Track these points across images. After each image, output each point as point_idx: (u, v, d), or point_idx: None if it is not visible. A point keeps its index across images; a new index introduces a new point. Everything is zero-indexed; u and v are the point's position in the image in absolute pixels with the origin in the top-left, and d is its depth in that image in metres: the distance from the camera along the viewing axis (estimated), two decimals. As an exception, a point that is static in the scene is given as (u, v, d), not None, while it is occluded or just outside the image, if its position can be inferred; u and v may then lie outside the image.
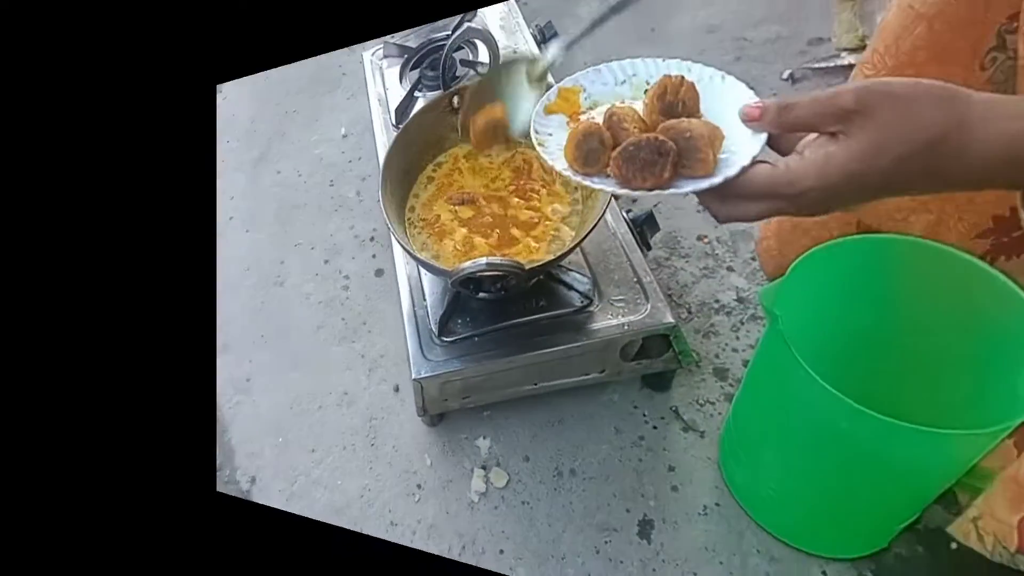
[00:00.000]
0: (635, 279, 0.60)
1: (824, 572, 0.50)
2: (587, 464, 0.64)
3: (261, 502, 0.74)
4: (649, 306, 0.57)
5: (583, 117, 0.40)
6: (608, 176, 0.36)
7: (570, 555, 0.59)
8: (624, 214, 0.64)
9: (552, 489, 0.64)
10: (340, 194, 1.06)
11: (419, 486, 0.68)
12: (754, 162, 0.32)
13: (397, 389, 0.77)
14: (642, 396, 0.66)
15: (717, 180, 0.32)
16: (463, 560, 0.62)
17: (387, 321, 0.85)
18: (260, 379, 0.87)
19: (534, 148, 0.39)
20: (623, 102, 0.40)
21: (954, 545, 0.36)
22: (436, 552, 0.63)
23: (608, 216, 0.64)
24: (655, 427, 0.64)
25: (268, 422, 0.81)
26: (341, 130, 1.16)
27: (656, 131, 0.35)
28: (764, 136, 0.33)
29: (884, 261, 0.40)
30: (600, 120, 0.38)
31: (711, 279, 0.72)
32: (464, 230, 0.64)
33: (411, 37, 0.95)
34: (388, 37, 0.95)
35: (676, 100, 0.36)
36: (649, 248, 0.64)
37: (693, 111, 0.36)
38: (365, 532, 0.67)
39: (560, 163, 0.38)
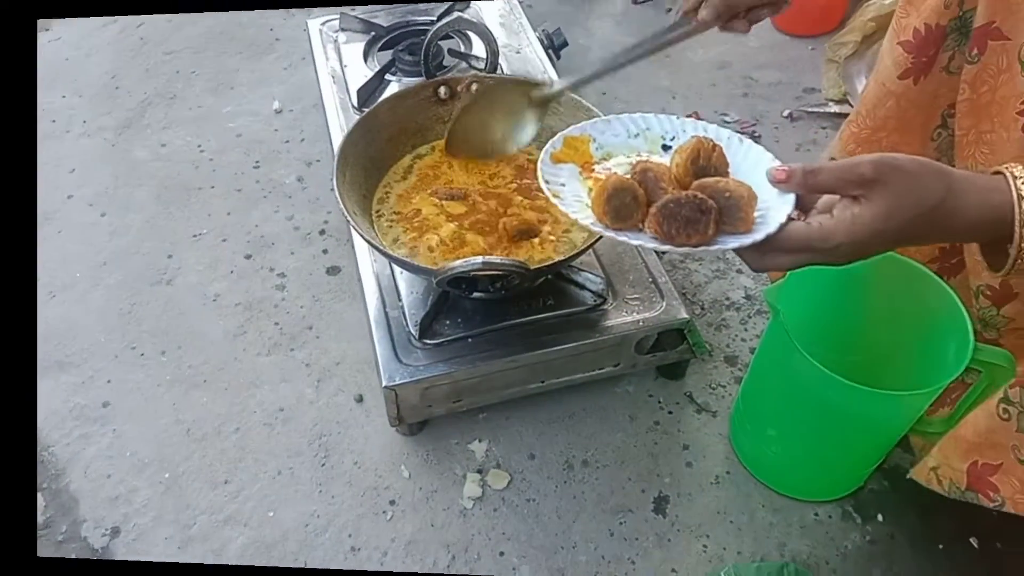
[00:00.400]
0: (650, 279, 0.82)
1: (816, 513, 0.77)
2: (601, 453, 0.82)
3: (129, 558, 0.77)
4: (664, 304, 0.79)
5: (598, 167, 0.56)
6: (641, 231, 0.49)
7: (582, 543, 0.75)
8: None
9: (561, 482, 0.80)
10: (271, 178, 1.16)
11: (392, 502, 0.78)
12: (790, 219, 0.47)
13: (360, 399, 0.88)
14: (657, 385, 0.88)
15: (759, 237, 0.47)
16: (452, 571, 0.73)
17: (345, 325, 0.95)
18: (126, 403, 0.90)
19: (543, 192, 0.52)
20: (640, 155, 0.56)
21: (908, 476, 0.65)
22: (416, 570, 0.73)
23: (622, 219, 0.89)
24: (670, 412, 0.86)
25: (141, 456, 0.85)
26: (274, 104, 1.28)
27: (692, 189, 0.49)
28: (793, 196, 0.49)
29: (863, 266, 0.69)
30: (622, 172, 0.53)
31: (722, 280, 1.00)
32: (453, 225, 0.79)
33: (379, 15, 1.15)
34: (347, 9, 1.16)
35: (709, 165, 0.51)
36: (663, 252, 0.88)
37: (723, 175, 0.50)
38: (309, 566, 0.75)
39: (584, 216, 0.50)
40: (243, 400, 0.90)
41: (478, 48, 1.06)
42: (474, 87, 0.87)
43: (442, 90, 0.88)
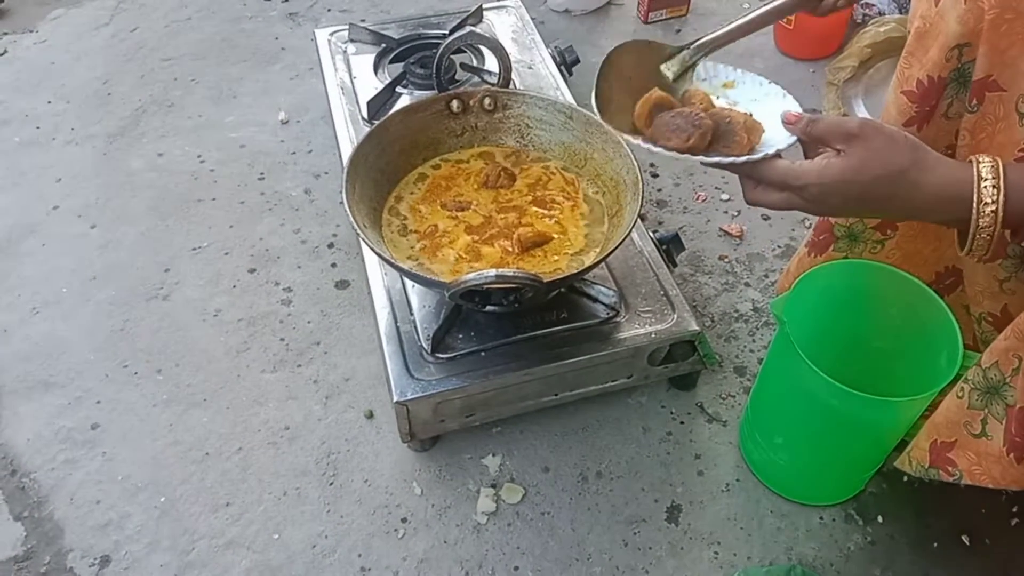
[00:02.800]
0: (662, 292, 0.93)
1: (821, 517, 0.88)
2: (614, 465, 0.92)
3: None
4: (676, 316, 0.91)
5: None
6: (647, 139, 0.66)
7: (596, 554, 0.85)
8: (651, 234, 1.00)
9: (576, 495, 0.89)
10: (277, 190, 1.27)
11: (404, 520, 0.87)
12: (777, 154, 0.60)
13: (371, 416, 0.97)
14: (669, 396, 0.99)
15: (740, 160, 0.61)
16: None
17: (354, 340, 1.05)
18: (118, 424, 0.97)
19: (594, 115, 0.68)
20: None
21: (905, 478, 0.78)
22: (430, 586, 0.82)
23: (635, 235, 0.98)
24: (682, 422, 0.97)
25: (135, 480, 0.92)
26: (279, 114, 1.40)
27: (706, 114, 0.64)
28: (794, 139, 0.62)
29: (863, 280, 0.81)
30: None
31: (731, 293, 1.13)
32: (469, 238, 0.91)
33: (390, 27, 1.28)
34: (356, 19, 1.29)
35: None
36: (675, 266, 1.01)
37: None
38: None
39: (612, 120, 0.68)
40: (246, 419, 0.98)
41: (490, 63, 1.19)
42: (486, 101, 0.99)
43: (454, 104, 0.99)
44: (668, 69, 0.75)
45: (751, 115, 0.67)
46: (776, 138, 0.65)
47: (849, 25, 1.53)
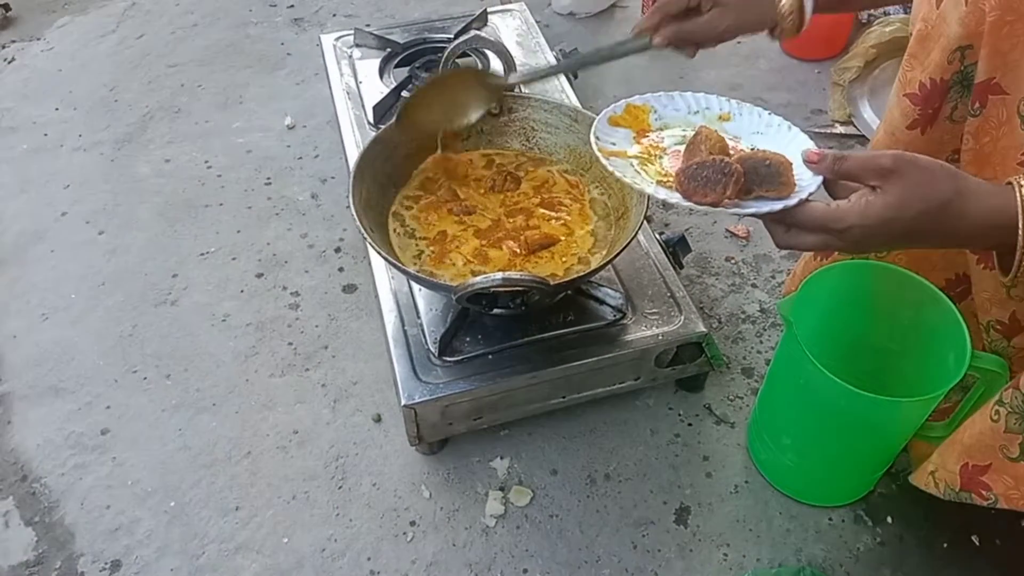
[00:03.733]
0: (669, 294, 0.94)
1: (830, 518, 0.88)
2: (623, 467, 0.93)
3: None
4: (683, 318, 0.91)
5: (652, 135, 0.70)
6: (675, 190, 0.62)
7: (605, 556, 0.85)
8: (657, 236, 1.00)
9: (584, 497, 0.90)
10: (284, 195, 1.28)
11: (413, 523, 0.88)
12: (810, 199, 0.58)
13: (379, 419, 0.98)
14: (677, 398, 1.00)
15: (778, 206, 0.58)
16: None
17: (362, 344, 1.06)
18: (127, 429, 0.98)
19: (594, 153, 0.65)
20: (695, 129, 0.68)
21: (910, 480, 0.77)
22: (438, 590, 0.82)
23: (641, 237, 0.98)
24: (690, 424, 0.97)
25: (144, 485, 0.92)
26: (286, 119, 1.41)
27: (733, 159, 0.60)
28: (820, 178, 0.59)
29: (869, 281, 0.82)
30: (674, 143, 0.68)
31: (738, 294, 1.13)
32: (477, 242, 0.92)
33: (395, 31, 1.29)
34: (361, 24, 1.30)
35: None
36: (682, 267, 1.01)
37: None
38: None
39: (627, 170, 0.65)
40: (255, 423, 0.98)
41: (495, 67, 1.20)
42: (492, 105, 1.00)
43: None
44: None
45: (782, 155, 0.63)
46: (801, 178, 0.62)
47: (854, 25, 1.53)
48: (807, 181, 0.61)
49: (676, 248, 0.99)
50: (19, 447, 0.98)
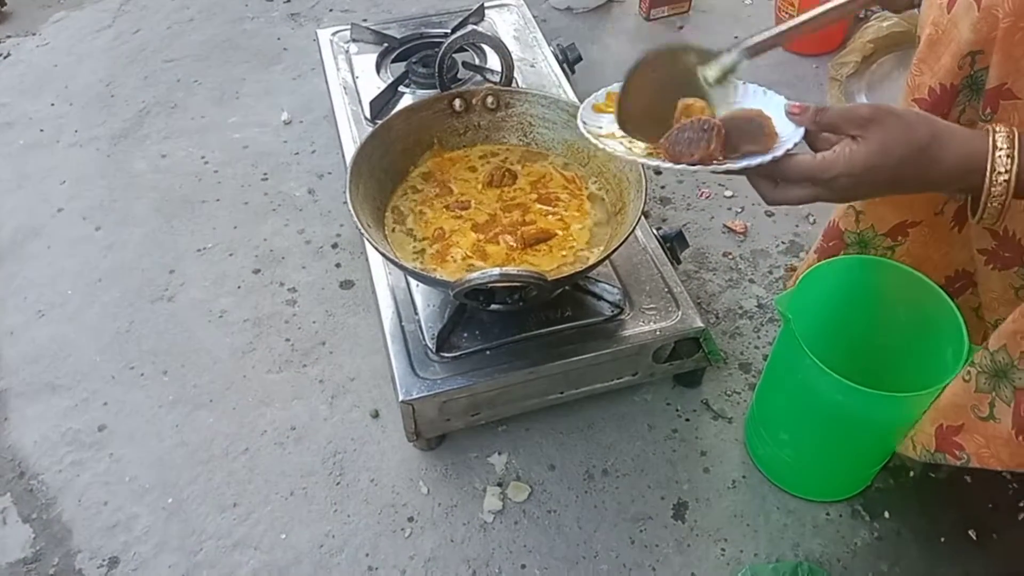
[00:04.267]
0: (666, 290, 0.94)
1: (828, 513, 0.88)
2: (620, 462, 0.93)
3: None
4: (680, 313, 0.91)
5: None
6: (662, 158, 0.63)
7: (603, 552, 0.85)
8: (654, 231, 1.00)
9: (582, 492, 0.90)
10: (280, 191, 1.28)
11: (411, 519, 0.88)
12: (796, 151, 0.59)
13: (376, 415, 0.98)
14: (674, 393, 1.00)
15: (767, 158, 0.59)
16: None
17: (359, 339, 1.06)
18: (124, 425, 0.98)
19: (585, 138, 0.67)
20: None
21: (912, 474, 0.78)
22: (436, 586, 0.82)
23: (639, 232, 0.99)
24: (687, 419, 0.98)
25: (142, 482, 0.93)
26: (282, 115, 1.41)
27: (719, 122, 0.62)
28: (802, 130, 0.61)
29: (867, 276, 0.82)
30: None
31: (735, 289, 1.13)
32: (475, 237, 0.91)
33: (392, 26, 1.29)
34: (357, 19, 1.30)
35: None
36: (679, 263, 1.01)
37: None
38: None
39: (617, 147, 0.66)
40: (252, 419, 0.98)
41: (493, 61, 1.20)
42: (489, 99, 1.00)
43: (457, 102, 1.00)
44: (706, 74, 0.71)
45: (761, 110, 0.66)
46: (783, 133, 0.64)
47: (851, 20, 1.53)
48: (789, 134, 0.63)
49: (674, 243, 0.99)
50: (16, 444, 0.98)
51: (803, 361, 0.75)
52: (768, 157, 0.60)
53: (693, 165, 0.63)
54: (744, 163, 0.61)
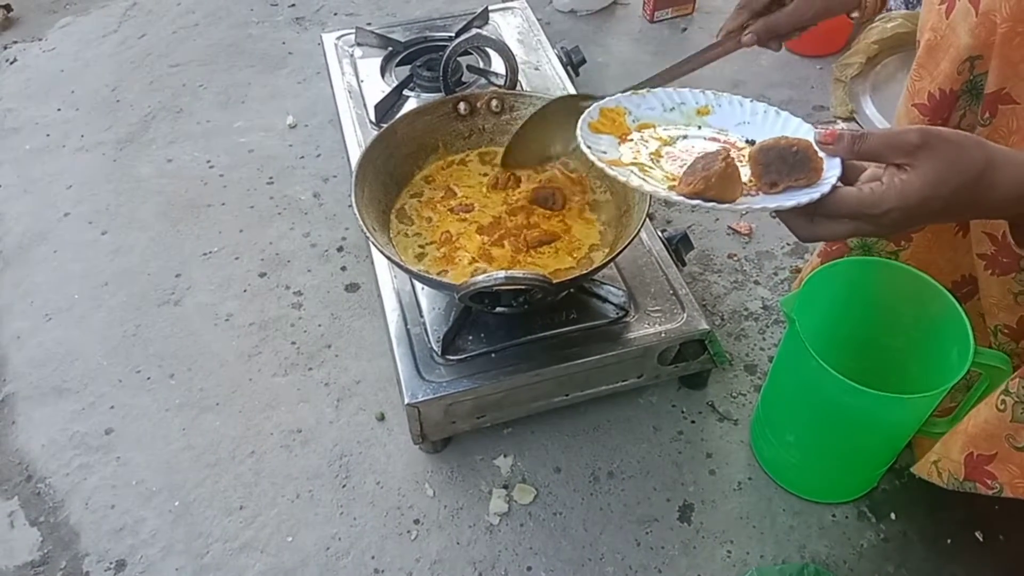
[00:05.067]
0: (671, 292, 0.94)
1: (834, 514, 0.88)
2: (626, 464, 0.93)
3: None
4: (685, 315, 0.91)
5: (634, 137, 0.68)
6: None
7: (609, 553, 0.85)
8: (659, 233, 1.01)
9: (588, 495, 0.90)
10: (286, 194, 1.28)
11: (417, 521, 0.88)
12: (836, 186, 0.54)
13: (382, 418, 0.98)
14: (680, 395, 1.00)
15: (812, 196, 0.53)
16: None
17: (365, 342, 1.06)
18: (131, 429, 0.98)
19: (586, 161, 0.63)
20: (679, 127, 0.68)
21: (911, 470, 0.78)
22: (442, 589, 0.83)
23: (643, 234, 0.99)
24: (693, 421, 0.98)
25: (149, 485, 0.93)
26: (287, 119, 1.41)
27: (752, 150, 0.57)
28: (839, 162, 0.55)
29: (872, 277, 0.82)
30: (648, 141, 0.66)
31: (740, 291, 1.13)
32: (480, 239, 0.91)
33: (396, 30, 1.29)
34: (362, 23, 1.30)
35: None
36: (684, 264, 1.01)
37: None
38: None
39: (635, 180, 0.60)
40: (259, 422, 0.99)
41: (497, 65, 1.20)
42: (493, 103, 1.01)
43: (462, 106, 1.01)
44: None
45: (809, 141, 0.58)
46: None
47: (855, 21, 1.53)
48: (825, 166, 0.57)
49: (678, 245, 0.99)
50: (24, 448, 0.98)
51: (808, 363, 0.75)
52: (816, 194, 0.54)
53: (709, 201, 0.57)
54: (795, 201, 0.54)
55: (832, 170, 0.56)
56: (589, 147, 0.64)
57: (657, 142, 0.68)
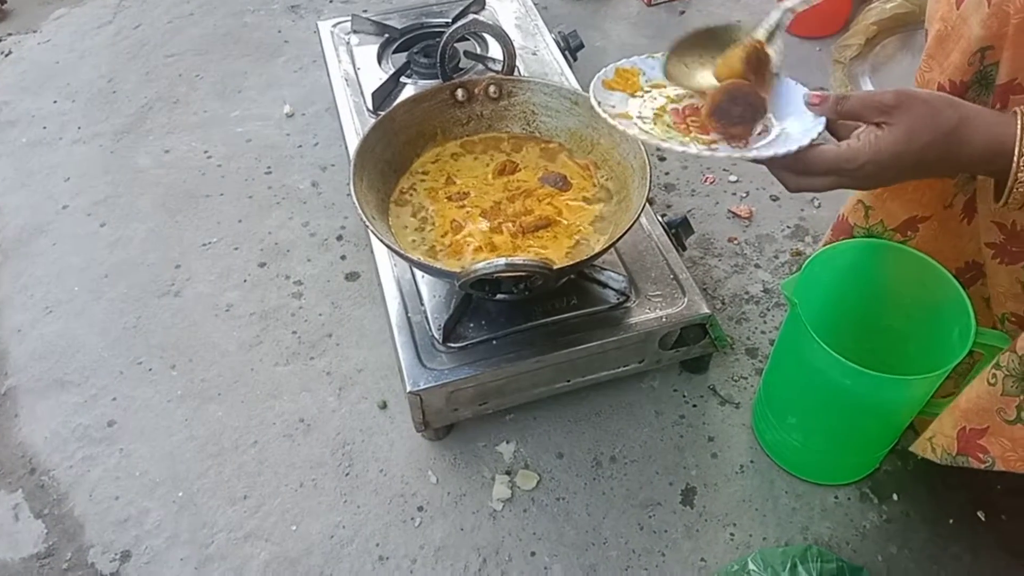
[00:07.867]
0: (672, 276, 0.94)
1: (836, 496, 0.88)
2: (628, 449, 0.93)
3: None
4: (686, 299, 0.91)
5: (645, 95, 0.71)
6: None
7: (612, 537, 0.86)
8: (659, 218, 1.00)
9: (590, 480, 0.90)
10: (284, 184, 1.28)
11: (420, 508, 0.88)
12: (819, 142, 0.59)
13: (384, 406, 0.98)
14: (681, 379, 1.00)
15: (792, 148, 0.59)
16: (484, 574, 0.83)
17: (366, 331, 1.06)
18: (134, 420, 0.98)
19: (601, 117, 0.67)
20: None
21: (910, 449, 0.78)
22: (447, 576, 0.84)
23: (643, 219, 0.99)
24: (695, 405, 0.98)
25: (152, 476, 0.93)
26: (284, 108, 1.40)
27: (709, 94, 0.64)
28: (823, 120, 0.62)
29: (873, 259, 0.81)
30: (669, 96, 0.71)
31: (741, 275, 1.13)
32: (483, 226, 0.91)
33: (393, 17, 1.28)
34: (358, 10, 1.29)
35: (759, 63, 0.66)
36: (684, 249, 1.01)
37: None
38: (335, 576, 0.83)
39: (632, 129, 0.66)
40: (261, 412, 0.99)
41: (494, 50, 1.19)
42: (491, 89, 1.00)
43: (459, 92, 1.00)
44: (755, 36, 0.70)
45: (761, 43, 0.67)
46: (802, 123, 0.63)
47: (854, 2, 1.52)
48: (810, 124, 0.63)
49: (679, 230, 0.99)
50: (27, 440, 0.98)
51: (810, 345, 0.75)
52: (793, 148, 0.60)
53: (713, 150, 0.63)
54: (770, 152, 0.61)
55: (816, 128, 0.63)
56: (599, 102, 0.70)
57: (665, 99, 0.72)
